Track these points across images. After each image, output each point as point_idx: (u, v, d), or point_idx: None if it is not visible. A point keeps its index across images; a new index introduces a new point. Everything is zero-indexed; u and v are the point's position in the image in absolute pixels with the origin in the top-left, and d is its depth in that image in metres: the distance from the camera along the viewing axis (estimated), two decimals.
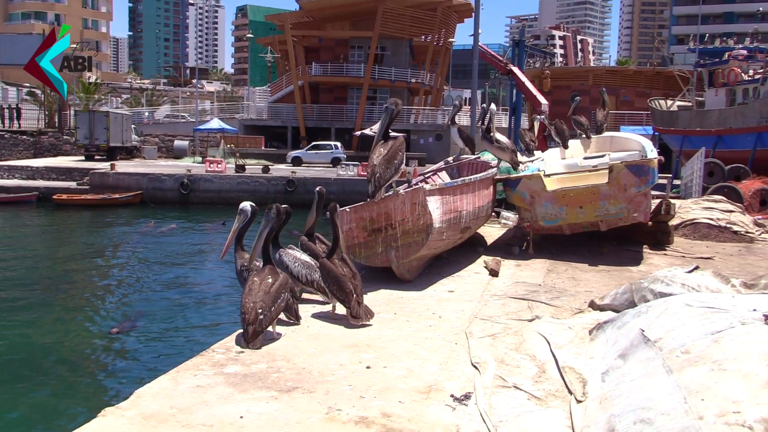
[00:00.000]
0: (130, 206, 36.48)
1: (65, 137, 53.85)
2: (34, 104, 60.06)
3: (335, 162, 46.42)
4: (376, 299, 6.97)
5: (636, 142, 12.41)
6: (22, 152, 51.54)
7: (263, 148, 55.68)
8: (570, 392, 4.47)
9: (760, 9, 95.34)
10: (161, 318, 16.91)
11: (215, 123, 56.57)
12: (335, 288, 6.08)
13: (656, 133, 36.04)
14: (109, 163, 41.60)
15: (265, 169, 40.75)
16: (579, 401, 4.26)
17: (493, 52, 46.46)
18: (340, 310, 6.22)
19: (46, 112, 59.01)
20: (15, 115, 56.76)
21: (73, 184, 39.07)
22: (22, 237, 30.34)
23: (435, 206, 7.47)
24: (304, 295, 6.70)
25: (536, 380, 4.80)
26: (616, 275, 8.69)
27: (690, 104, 34.81)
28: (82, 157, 47.31)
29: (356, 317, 6.01)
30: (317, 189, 6.55)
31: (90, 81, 66.90)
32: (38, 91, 60.67)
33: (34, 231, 32.20)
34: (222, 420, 4.04)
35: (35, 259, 25.33)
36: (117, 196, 36.93)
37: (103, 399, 10.55)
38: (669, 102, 37.77)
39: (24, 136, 53.77)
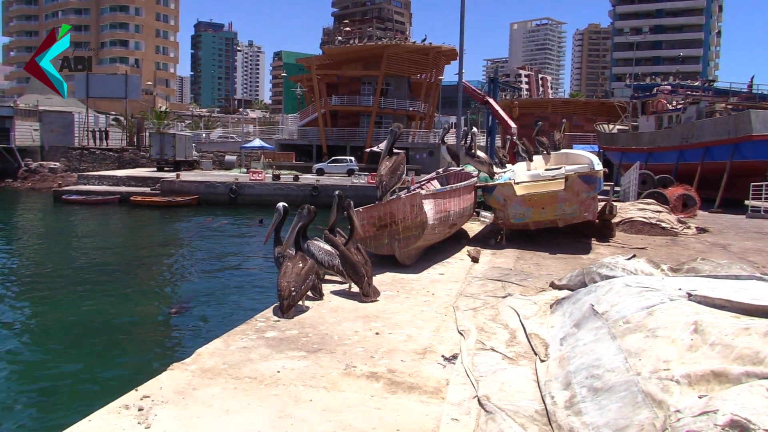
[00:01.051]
0: (189, 207, 36.50)
1: (142, 153, 53.96)
2: (118, 128, 60.25)
3: (350, 172, 46.36)
4: (383, 280, 6.93)
5: (586, 157, 12.35)
6: (109, 165, 51.72)
7: (294, 161, 55.58)
8: (535, 353, 4.43)
9: (681, 54, 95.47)
10: (214, 294, 16.90)
11: (257, 142, 56.68)
12: (351, 271, 6.09)
13: (601, 151, 35.92)
14: (175, 173, 41.66)
15: (296, 178, 40.71)
16: (542, 361, 4.22)
17: (473, 87, 46.47)
18: (355, 288, 6.20)
19: (127, 134, 59.16)
20: (104, 136, 57.06)
21: (147, 189, 39.18)
22: (107, 229, 30.69)
23: (429, 207, 7.44)
24: (326, 277, 6.67)
25: (509, 344, 4.76)
26: (571, 261, 8.63)
27: (627, 128, 34.65)
28: (155, 169, 47.36)
29: (366, 295, 6.02)
30: (336, 192, 6.49)
31: (161, 110, 67.07)
32: (121, 118, 60.83)
33: (116, 225, 32.41)
34: (263, 373, 4.02)
35: (116, 246, 25.37)
36: (179, 199, 36.96)
37: (170, 356, 10.52)
38: (611, 126, 37.59)
39: (110, 152, 53.99)
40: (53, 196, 39.69)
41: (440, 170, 13.04)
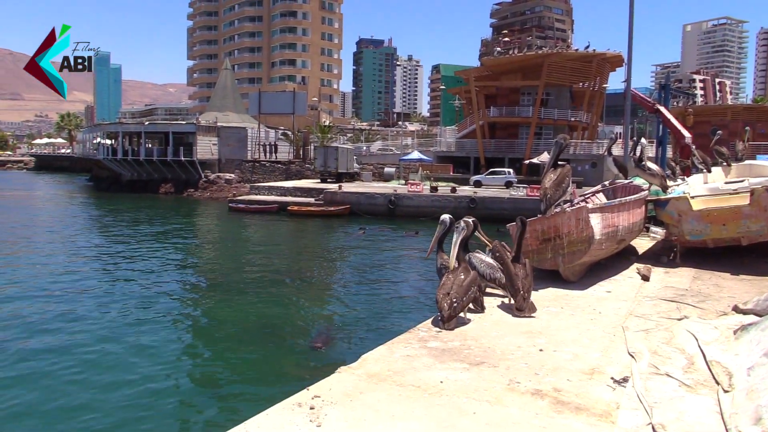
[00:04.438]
0: (342, 216, 37.92)
1: (307, 165, 56.99)
2: (285, 142, 63.96)
3: (508, 184, 45.62)
4: (545, 295, 6.76)
5: None
6: (277, 176, 55.28)
7: (451, 173, 55.85)
8: (717, 382, 4.10)
9: None
10: (373, 301, 17.39)
11: (415, 154, 57.72)
12: (508, 284, 6.02)
13: None
14: (337, 185, 43.60)
15: (453, 190, 40.86)
16: (726, 391, 3.88)
17: (641, 95, 43.88)
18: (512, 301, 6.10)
19: (294, 148, 62.84)
20: (273, 149, 60.96)
21: (311, 200, 41.31)
22: (270, 236, 32.94)
23: (596, 222, 7.15)
24: (487, 290, 6.63)
25: (686, 370, 4.43)
26: (757, 284, 7.84)
27: None
28: (319, 180, 49.73)
29: (519, 309, 5.88)
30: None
31: (325, 125, 70.66)
32: (289, 133, 64.81)
33: (277, 232, 34.60)
34: (426, 383, 4.08)
35: (279, 252, 27.00)
36: (332, 208, 38.64)
37: (337, 360, 10.99)
38: None
39: (278, 165, 57.68)
40: (228, 205, 43.35)
41: (606, 183, 12.48)
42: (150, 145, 61.72)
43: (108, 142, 63.01)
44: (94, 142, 68.35)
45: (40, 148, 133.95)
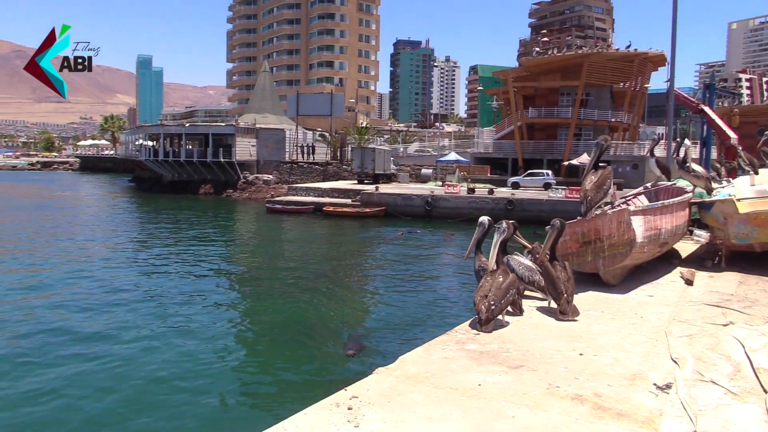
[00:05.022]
0: (377, 218, 38.02)
1: (344, 167, 57.36)
2: (323, 143, 64.45)
3: (546, 186, 45.05)
4: (585, 299, 6.66)
5: None
6: (314, 177, 55.77)
7: (489, 175, 55.43)
8: (765, 390, 3.99)
9: None
10: (413, 304, 17.32)
11: (452, 156, 57.63)
12: (550, 287, 5.95)
13: None
14: (374, 186, 43.72)
15: (490, 192, 40.57)
16: None
17: (685, 94, 42.92)
18: (554, 305, 6.03)
19: (331, 149, 63.25)
20: (311, 151, 61.49)
21: (348, 201, 41.49)
22: (306, 236, 33.23)
23: (638, 224, 7.02)
24: (526, 293, 6.57)
25: (732, 378, 4.32)
26: None
27: None
28: (356, 181, 49.97)
29: (563, 313, 5.83)
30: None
31: (362, 126, 70.98)
32: (326, 134, 65.25)
33: (314, 232, 34.85)
34: (465, 385, 4.07)
35: (315, 253, 27.17)
36: (367, 210, 38.76)
37: (373, 361, 11.02)
38: None
39: (316, 166, 58.18)
40: (265, 205, 43.91)
41: (648, 185, 12.24)
42: (190, 147, 62.82)
43: (150, 143, 64.31)
44: (137, 143, 69.84)
45: (85, 150, 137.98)
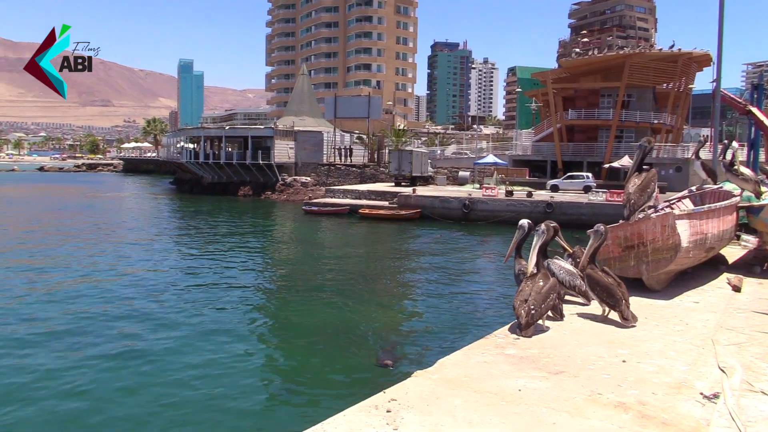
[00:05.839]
0: (412, 221, 37.99)
1: (381, 169, 57.50)
2: (360, 145, 64.74)
3: (587, 189, 44.38)
4: None
5: None
6: (352, 179, 56.03)
7: (527, 177, 54.94)
8: None
9: None
10: (451, 307, 17.23)
11: (490, 158, 57.20)
12: (605, 295, 5.74)
13: None
14: (411, 188, 43.71)
15: (529, 194, 40.19)
16: None
17: (732, 95, 41.92)
18: (606, 313, 5.84)
19: (369, 151, 63.44)
20: (348, 153, 61.83)
21: (385, 203, 41.54)
22: (342, 238, 33.51)
23: (683, 228, 6.84)
24: (566, 297, 6.47)
25: None
26: None
27: None
28: (393, 184, 50.04)
29: (627, 319, 5.67)
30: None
31: (399, 128, 71.01)
32: (364, 136, 65.48)
33: (349, 234, 34.99)
34: (504, 390, 4.01)
35: (352, 255, 27.19)
36: (402, 212, 38.77)
37: (412, 365, 11.00)
38: None
39: (353, 168, 58.45)
40: (302, 208, 44.31)
41: (693, 188, 11.94)
42: (230, 149, 63.72)
43: (191, 146, 65.52)
44: (178, 146, 71.25)
45: (128, 152, 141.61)
